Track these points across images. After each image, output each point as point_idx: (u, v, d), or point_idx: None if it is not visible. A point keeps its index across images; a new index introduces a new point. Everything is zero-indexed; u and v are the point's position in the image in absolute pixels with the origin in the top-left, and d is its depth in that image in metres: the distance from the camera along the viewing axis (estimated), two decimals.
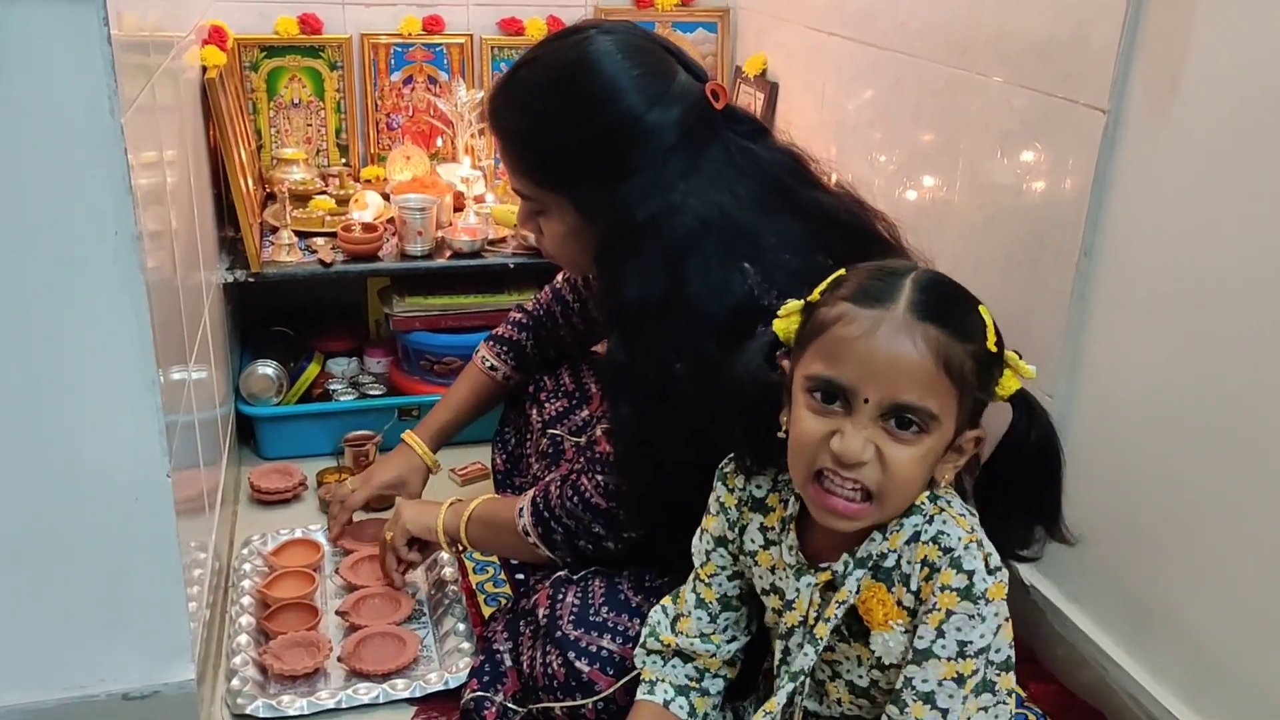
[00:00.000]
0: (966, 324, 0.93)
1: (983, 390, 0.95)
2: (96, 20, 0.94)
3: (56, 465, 1.09)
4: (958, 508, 0.98)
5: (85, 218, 1.00)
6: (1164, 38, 1.23)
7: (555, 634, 1.27)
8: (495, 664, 1.38)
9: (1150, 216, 1.27)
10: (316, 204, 2.15)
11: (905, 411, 0.91)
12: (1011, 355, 0.95)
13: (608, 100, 1.20)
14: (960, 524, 0.97)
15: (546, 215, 1.31)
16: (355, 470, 1.91)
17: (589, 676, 1.23)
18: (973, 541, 0.96)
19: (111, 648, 1.17)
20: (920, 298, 0.92)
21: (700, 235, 1.18)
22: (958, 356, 0.91)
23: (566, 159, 1.24)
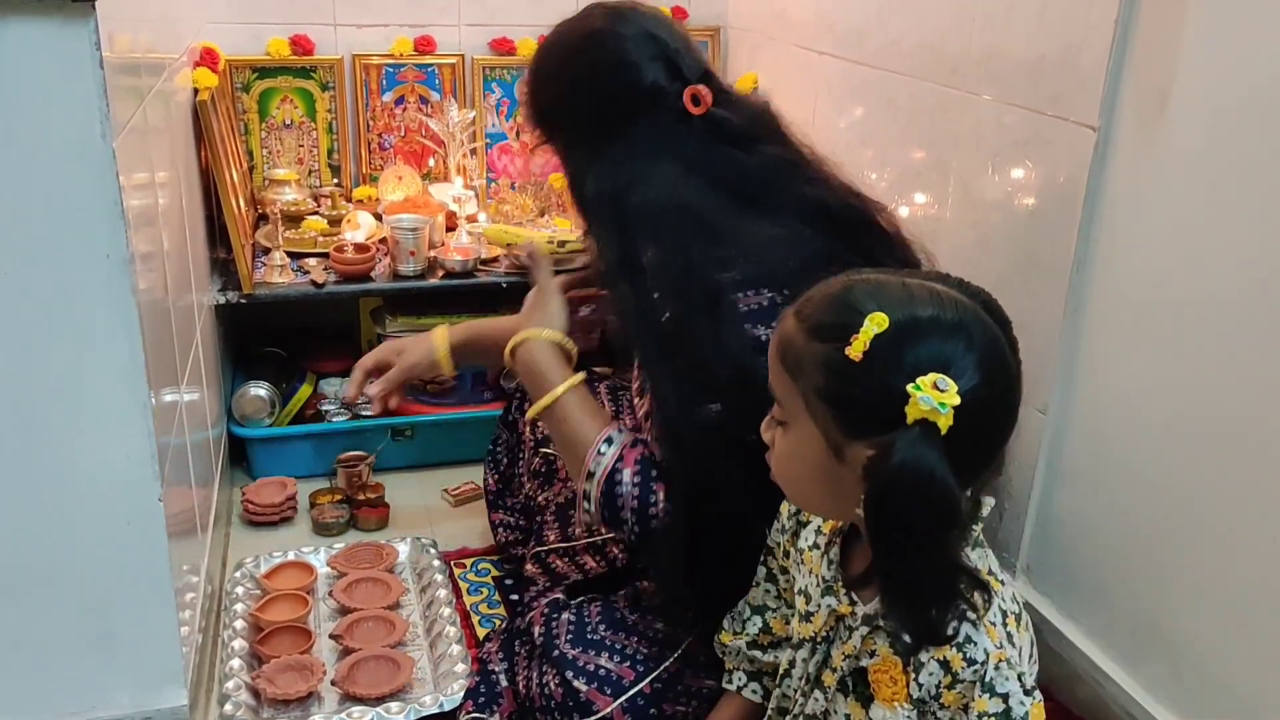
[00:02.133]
0: (827, 323, 0.88)
1: (841, 400, 0.86)
2: (88, 44, 0.94)
3: (47, 488, 1.08)
4: (992, 613, 0.90)
5: (77, 240, 1.00)
6: (1152, 56, 1.24)
7: (553, 653, 1.26)
8: (491, 685, 1.37)
9: (1141, 232, 1.27)
10: (309, 224, 2.14)
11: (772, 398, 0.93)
12: (921, 380, 0.81)
13: (561, 71, 1.36)
14: (990, 635, 0.89)
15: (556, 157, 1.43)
16: (348, 491, 1.90)
17: (587, 696, 1.22)
18: (1003, 661, 0.88)
19: (102, 673, 1.16)
20: (808, 294, 0.92)
21: (657, 219, 1.22)
22: (797, 348, 0.89)
23: (543, 107, 1.40)
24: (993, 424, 0.87)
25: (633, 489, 1.21)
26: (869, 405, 0.84)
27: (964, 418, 0.80)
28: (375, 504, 1.87)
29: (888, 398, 0.82)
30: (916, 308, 0.85)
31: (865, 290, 0.88)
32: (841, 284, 0.91)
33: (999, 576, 0.94)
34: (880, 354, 0.83)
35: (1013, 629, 0.91)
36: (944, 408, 0.80)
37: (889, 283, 0.89)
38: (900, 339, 0.83)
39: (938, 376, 0.81)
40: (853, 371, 0.84)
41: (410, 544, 1.75)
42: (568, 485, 1.54)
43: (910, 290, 0.88)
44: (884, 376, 0.83)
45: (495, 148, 2.41)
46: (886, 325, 0.83)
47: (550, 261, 1.49)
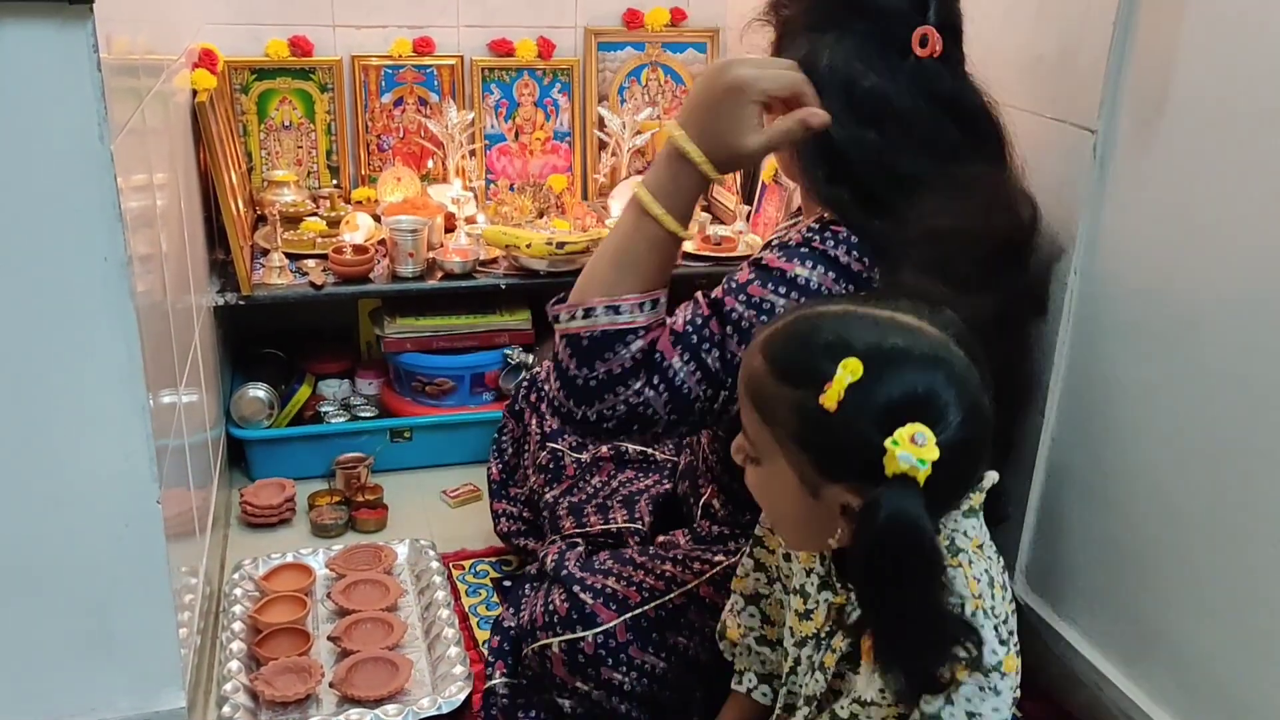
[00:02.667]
0: (798, 368, 0.87)
1: (816, 447, 0.86)
2: (86, 46, 0.94)
3: (45, 490, 1.08)
4: (977, 569, 0.90)
5: (74, 243, 1.00)
6: (1151, 59, 1.24)
7: (561, 573, 1.29)
8: (513, 642, 1.38)
9: (1140, 236, 1.27)
10: (307, 226, 2.14)
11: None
12: (899, 435, 0.80)
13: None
14: (971, 586, 0.88)
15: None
16: (347, 493, 1.90)
17: (592, 609, 1.23)
18: (979, 609, 0.87)
19: (101, 675, 1.16)
20: (774, 328, 0.91)
21: (882, 104, 1.15)
22: (768, 392, 0.88)
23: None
24: (969, 460, 0.87)
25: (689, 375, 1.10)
26: (846, 454, 0.83)
27: (943, 461, 0.80)
28: (374, 506, 1.87)
29: (866, 449, 0.81)
30: (887, 348, 0.84)
31: (833, 329, 0.87)
32: (809, 322, 0.89)
33: (987, 553, 0.94)
34: (855, 403, 0.82)
35: (997, 593, 0.90)
36: (923, 464, 0.79)
37: (859, 317, 0.88)
38: (874, 385, 0.82)
39: (915, 429, 0.80)
40: (828, 420, 0.83)
41: (409, 546, 1.75)
42: (577, 484, 1.55)
43: (881, 327, 0.87)
44: (861, 428, 0.82)
45: (494, 149, 2.41)
46: (860, 374, 0.82)
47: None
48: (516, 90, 2.40)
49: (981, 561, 0.91)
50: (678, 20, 2.45)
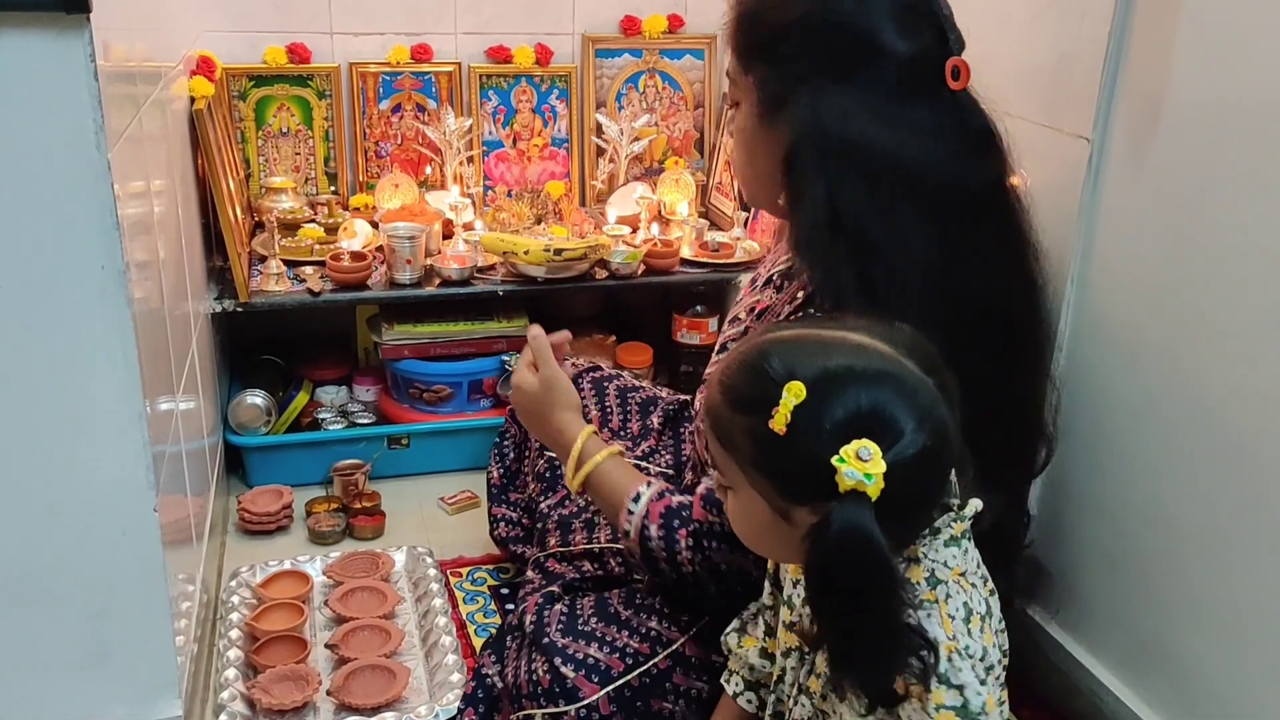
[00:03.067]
0: (749, 395, 0.88)
1: (774, 472, 0.87)
2: (83, 55, 0.94)
3: (43, 498, 1.08)
4: (954, 604, 0.89)
5: (71, 251, 1.00)
6: (1146, 68, 1.24)
7: (542, 640, 1.27)
8: (487, 690, 1.37)
9: (1137, 245, 1.28)
10: (305, 233, 2.14)
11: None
12: (844, 451, 0.81)
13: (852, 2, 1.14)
14: (946, 626, 0.88)
15: (738, 108, 1.24)
16: (345, 500, 1.90)
17: (574, 683, 1.22)
18: (954, 652, 0.87)
19: (97, 683, 1.16)
20: (728, 359, 0.92)
21: (898, 180, 1.11)
22: (724, 421, 0.90)
23: (774, 32, 1.17)
24: (926, 474, 0.86)
25: (659, 542, 1.23)
26: (802, 476, 0.84)
27: (895, 475, 0.81)
28: (371, 512, 1.87)
29: (817, 469, 0.82)
30: (832, 368, 0.85)
31: (779, 355, 0.88)
32: (757, 349, 0.90)
33: (972, 579, 0.92)
34: (803, 424, 0.84)
35: (975, 627, 0.90)
36: (870, 478, 0.80)
37: (804, 342, 0.89)
38: (819, 404, 0.83)
39: (861, 445, 0.81)
40: (780, 444, 0.85)
41: (406, 553, 1.74)
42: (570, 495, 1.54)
43: (827, 346, 0.88)
44: (810, 448, 0.83)
45: (492, 155, 2.41)
46: (804, 395, 0.83)
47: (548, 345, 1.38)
48: (514, 97, 2.40)
49: (962, 594, 0.90)
50: (675, 27, 2.45)
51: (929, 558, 0.91)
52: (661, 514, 1.24)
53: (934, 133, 1.14)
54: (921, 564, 0.90)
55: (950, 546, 0.92)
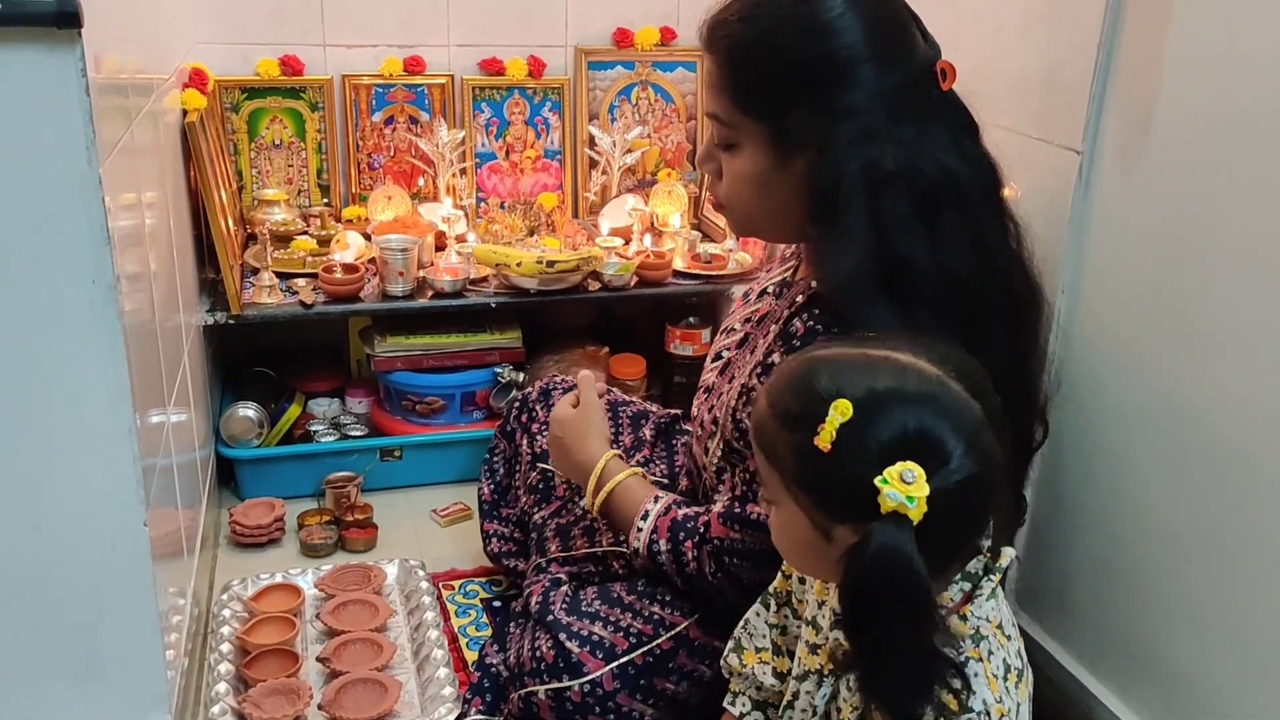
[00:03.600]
0: (796, 412, 0.88)
1: (816, 489, 0.87)
2: (75, 70, 0.94)
3: (31, 511, 1.07)
4: (996, 661, 0.89)
5: (62, 265, 1.00)
6: (1135, 79, 1.25)
7: (547, 618, 1.28)
8: (494, 679, 1.37)
9: (1127, 256, 1.28)
10: (297, 245, 2.14)
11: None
12: (888, 473, 0.81)
13: (841, 30, 1.13)
14: (992, 687, 0.87)
15: (736, 150, 1.20)
16: (336, 512, 1.90)
17: (578, 658, 1.22)
18: (1004, 716, 0.87)
19: (86, 698, 1.15)
20: (777, 375, 0.92)
21: (944, 193, 1.12)
22: (770, 435, 0.90)
23: (783, 80, 1.15)
24: (970, 499, 0.85)
25: (668, 555, 1.27)
26: (844, 495, 0.84)
27: (938, 499, 0.81)
28: (363, 525, 1.87)
29: (860, 488, 0.82)
30: (879, 387, 0.85)
31: (828, 373, 0.88)
32: (804, 366, 0.90)
33: (1008, 631, 0.93)
34: (848, 443, 0.83)
35: (1011, 685, 0.90)
36: (912, 501, 0.80)
37: (851, 360, 0.89)
38: (865, 424, 0.83)
39: (905, 467, 0.81)
40: (824, 462, 0.84)
41: (398, 565, 1.74)
42: (566, 505, 1.54)
43: (874, 366, 0.87)
44: (854, 467, 0.83)
45: (485, 168, 2.42)
46: (851, 413, 0.83)
47: (593, 383, 1.47)
48: (507, 109, 2.40)
49: (1001, 650, 0.90)
50: (668, 40, 2.46)
51: (975, 614, 0.90)
52: (669, 528, 1.27)
53: (949, 142, 1.15)
54: (969, 621, 0.90)
55: (990, 600, 0.92)
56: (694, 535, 1.25)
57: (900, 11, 1.19)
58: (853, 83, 1.13)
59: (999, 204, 1.20)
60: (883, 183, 1.10)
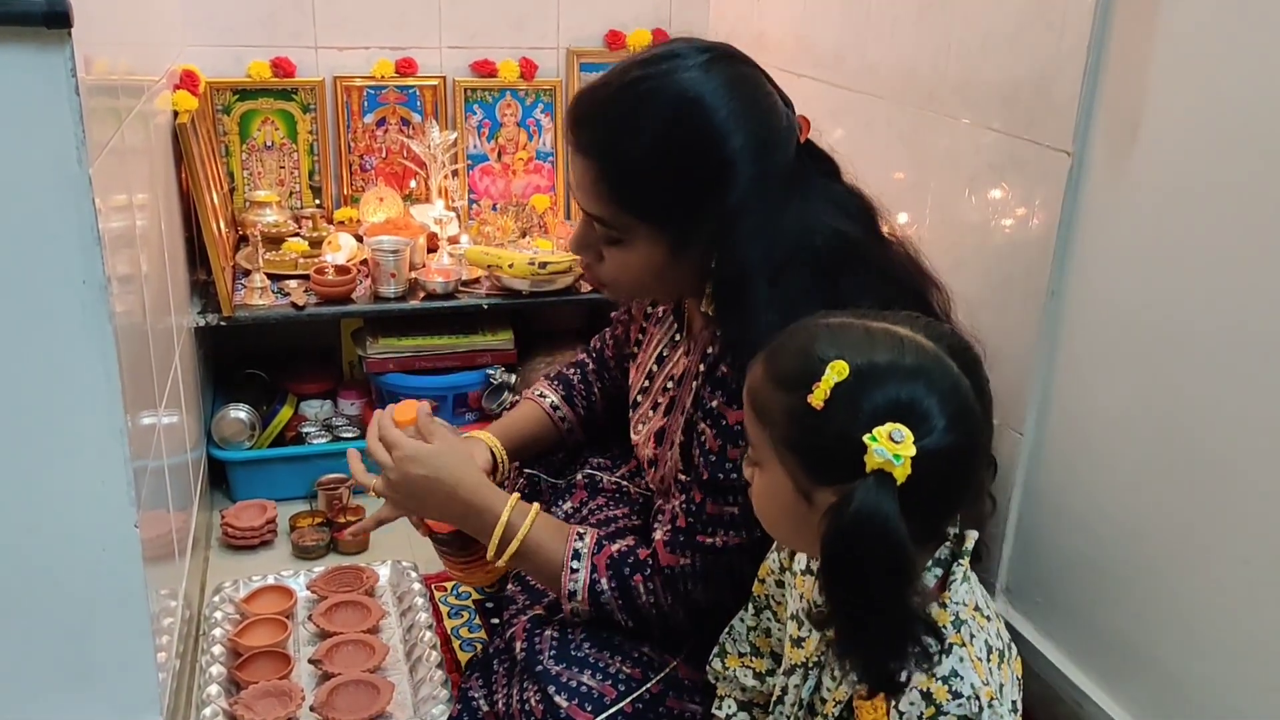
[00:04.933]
0: (791, 372, 0.89)
1: (805, 448, 0.88)
2: (64, 70, 0.94)
3: (21, 513, 1.07)
4: (978, 644, 0.90)
5: (52, 266, 1.00)
6: (1125, 82, 1.25)
7: (535, 668, 1.26)
8: (473, 712, 1.36)
9: (1115, 258, 1.29)
10: (289, 246, 2.14)
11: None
12: (878, 431, 0.82)
13: (730, 133, 1.13)
14: (978, 670, 0.88)
15: (625, 245, 1.20)
16: (329, 514, 1.89)
17: (567, 712, 1.22)
18: (994, 699, 0.88)
19: (78, 700, 1.15)
20: (776, 340, 0.94)
21: (839, 258, 1.14)
22: (764, 396, 0.91)
23: (677, 192, 1.15)
24: (954, 470, 0.87)
25: (612, 593, 1.25)
26: (831, 453, 0.85)
27: (923, 465, 0.82)
28: None
29: (848, 447, 0.83)
30: (877, 354, 0.86)
31: (828, 337, 0.89)
32: (807, 331, 0.92)
33: (985, 612, 0.93)
34: (841, 402, 0.84)
35: (994, 665, 0.91)
36: (898, 459, 0.81)
37: (852, 328, 0.90)
38: (859, 387, 0.84)
39: (894, 427, 0.82)
40: (815, 420, 0.85)
41: (390, 567, 1.74)
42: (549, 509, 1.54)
43: (872, 335, 0.89)
44: (844, 425, 0.84)
45: (476, 169, 2.42)
46: (847, 373, 0.84)
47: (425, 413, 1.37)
48: (499, 111, 2.40)
49: (982, 632, 0.91)
50: (659, 41, 2.46)
51: (953, 600, 0.91)
52: (608, 565, 1.26)
53: (828, 201, 1.18)
54: (948, 608, 0.91)
55: (964, 584, 0.93)
56: (642, 569, 1.24)
57: (763, 84, 1.19)
58: (743, 178, 1.13)
59: (882, 238, 1.23)
60: (780, 266, 1.12)
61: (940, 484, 0.85)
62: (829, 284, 1.12)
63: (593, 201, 1.18)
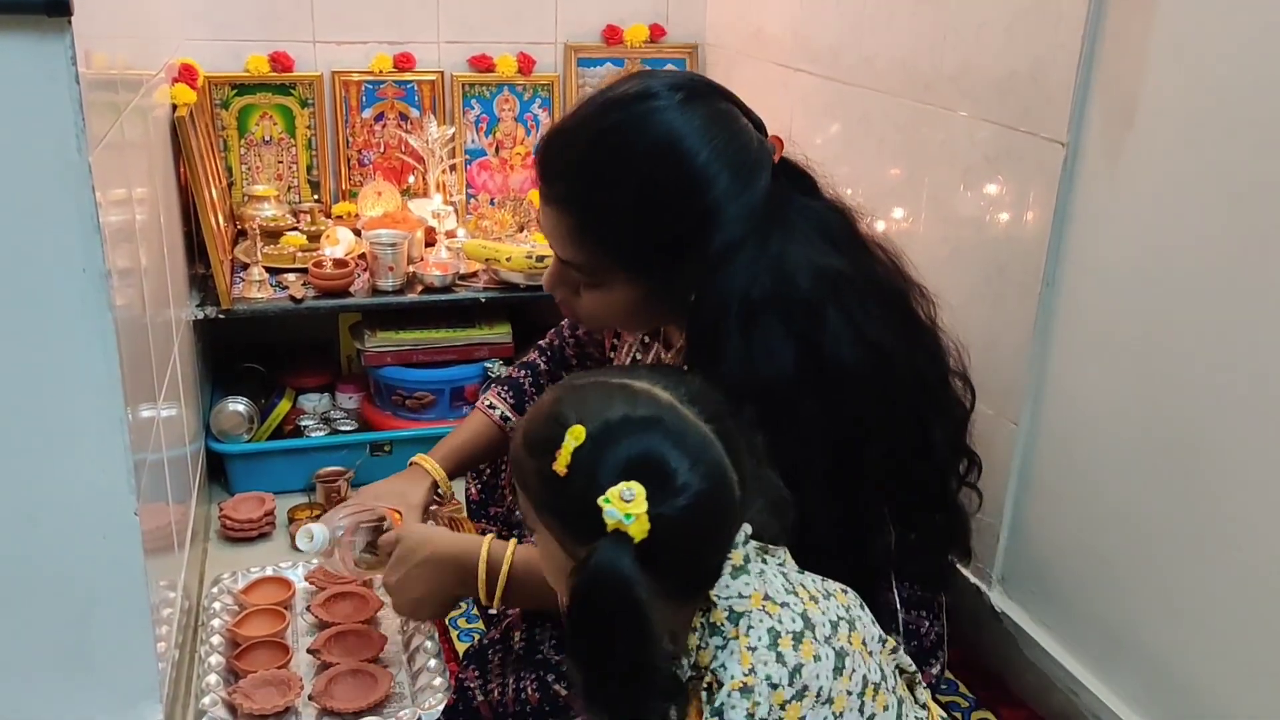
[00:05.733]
0: (539, 438, 0.89)
1: (559, 513, 0.89)
2: (65, 59, 0.95)
3: (22, 504, 1.07)
4: (757, 634, 0.89)
5: (53, 255, 1.00)
6: (1119, 72, 1.26)
7: (535, 657, 1.26)
8: (468, 701, 1.37)
9: (1109, 248, 1.29)
10: (288, 240, 2.15)
11: None
12: (610, 493, 0.82)
13: (711, 178, 1.08)
14: (743, 660, 0.88)
15: (602, 288, 1.17)
16: (327, 507, 1.90)
17: (565, 700, 1.22)
18: (736, 690, 0.86)
19: (78, 689, 1.15)
20: (531, 409, 0.95)
21: (820, 298, 1.10)
22: (520, 462, 0.92)
23: (659, 242, 1.11)
24: (702, 517, 0.86)
25: None
26: (579, 517, 0.85)
27: (665, 518, 0.82)
28: None
29: (591, 510, 0.83)
30: (611, 412, 0.87)
31: (569, 401, 0.90)
32: (550, 396, 0.93)
33: (779, 599, 0.92)
34: (580, 468, 0.85)
35: (786, 648, 0.89)
36: (629, 518, 0.81)
37: (591, 388, 0.91)
38: (596, 450, 0.85)
39: (625, 486, 0.82)
40: (562, 486, 0.86)
41: None
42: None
43: (609, 394, 0.89)
44: (584, 490, 0.84)
45: (474, 164, 2.42)
46: (583, 438, 0.85)
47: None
48: (497, 105, 2.41)
49: (767, 620, 0.90)
50: (657, 36, 2.47)
51: (721, 596, 0.91)
52: None
53: (808, 227, 1.14)
54: (718, 605, 0.90)
55: (739, 577, 0.92)
56: None
57: (738, 116, 1.15)
58: (725, 221, 1.09)
59: (864, 252, 1.19)
60: (756, 311, 1.08)
61: (688, 534, 0.86)
62: (802, 333, 1.09)
63: (569, 251, 1.15)
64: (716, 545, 0.91)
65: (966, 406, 1.26)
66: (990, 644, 1.52)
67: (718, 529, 0.90)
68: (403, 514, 1.40)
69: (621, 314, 1.22)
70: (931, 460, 1.23)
